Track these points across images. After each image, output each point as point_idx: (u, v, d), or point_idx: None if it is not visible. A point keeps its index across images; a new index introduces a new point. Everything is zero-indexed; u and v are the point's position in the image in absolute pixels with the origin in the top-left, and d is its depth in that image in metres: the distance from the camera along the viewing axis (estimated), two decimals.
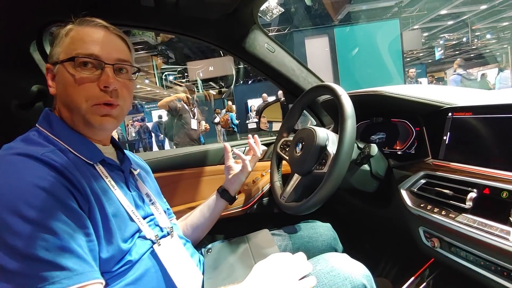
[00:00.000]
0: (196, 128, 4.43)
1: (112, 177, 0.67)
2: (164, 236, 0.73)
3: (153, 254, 0.67)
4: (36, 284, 0.45)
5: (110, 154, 0.74)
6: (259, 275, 0.62)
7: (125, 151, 0.83)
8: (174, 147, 4.99)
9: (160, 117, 11.52)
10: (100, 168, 0.65)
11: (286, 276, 0.62)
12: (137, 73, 0.74)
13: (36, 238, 0.46)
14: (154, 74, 13.70)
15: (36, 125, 0.65)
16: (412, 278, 0.96)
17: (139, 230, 0.66)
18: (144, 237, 0.67)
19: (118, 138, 10.05)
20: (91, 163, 0.64)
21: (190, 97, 4.35)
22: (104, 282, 0.55)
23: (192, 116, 4.37)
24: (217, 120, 10.75)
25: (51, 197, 0.50)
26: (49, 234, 0.48)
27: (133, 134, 12.09)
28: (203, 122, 4.94)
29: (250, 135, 1.05)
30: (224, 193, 1.03)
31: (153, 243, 0.67)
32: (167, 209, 0.95)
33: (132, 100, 0.74)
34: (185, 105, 4.27)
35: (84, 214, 0.55)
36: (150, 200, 0.77)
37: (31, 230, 0.46)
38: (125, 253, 0.61)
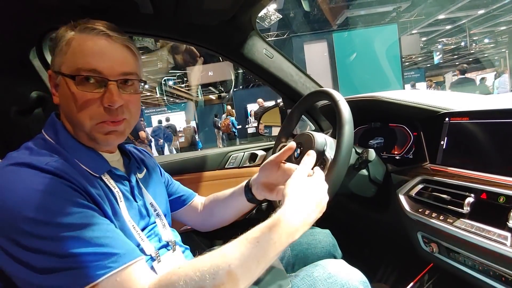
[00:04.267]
0: None
1: (119, 188, 0.65)
2: (164, 247, 0.71)
3: (152, 270, 0.64)
4: (85, 274, 0.46)
5: (117, 162, 0.72)
6: (295, 199, 0.58)
7: (130, 147, 0.81)
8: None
9: (160, 122, 11.53)
10: (107, 179, 0.64)
11: (317, 197, 0.61)
12: (144, 84, 0.70)
13: (66, 237, 0.47)
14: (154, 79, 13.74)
15: (42, 131, 0.63)
16: (411, 284, 0.96)
17: (138, 246, 0.64)
18: (144, 253, 0.64)
19: None
20: (98, 175, 0.62)
21: None
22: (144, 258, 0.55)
23: None
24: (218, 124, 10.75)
25: (65, 199, 0.50)
26: (76, 229, 0.48)
27: None
28: None
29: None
30: (248, 190, 0.87)
31: (153, 260, 0.65)
32: (184, 194, 0.95)
33: (140, 110, 0.71)
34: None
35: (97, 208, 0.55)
36: (155, 210, 0.75)
37: (58, 231, 0.47)
38: None
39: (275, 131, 1.61)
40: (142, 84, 0.69)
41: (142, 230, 0.67)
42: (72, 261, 0.46)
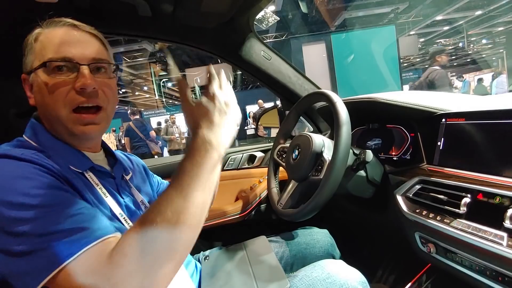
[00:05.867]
0: None
1: (103, 185, 0.64)
2: None
3: None
4: (56, 253, 0.44)
5: (101, 161, 0.71)
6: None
7: (116, 152, 0.80)
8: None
9: (159, 123, 11.53)
10: (90, 176, 0.63)
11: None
12: (117, 71, 0.70)
13: (42, 217, 0.45)
14: (152, 81, 13.73)
15: (23, 135, 0.63)
16: (409, 284, 0.96)
17: None
18: None
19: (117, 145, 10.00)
20: (80, 171, 0.62)
21: None
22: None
23: None
24: None
25: (41, 182, 0.49)
26: (53, 209, 0.47)
27: None
28: None
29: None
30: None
31: None
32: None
33: (117, 100, 0.70)
34: None
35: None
36: (146, 208, 0.75)
37: (35, 213, 0.45)
38: None
39: (274, 132, 1.62)
40: (114, 68, 0.68)
41: None
42: (45, 241, 0.44)
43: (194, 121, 0.59)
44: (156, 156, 7.24)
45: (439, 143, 0.86)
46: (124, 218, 0.64)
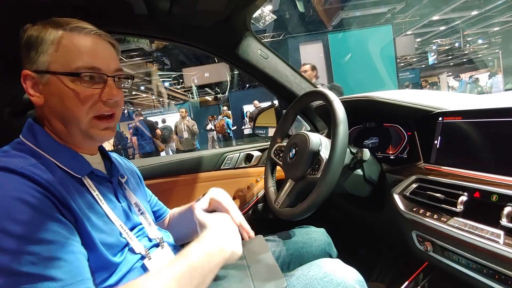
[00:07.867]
0: None
1: (100, 190, 0.64)
2: (154, 246, 0.71)
3: (144, 268, 0.65)
4: None
5: (98, 164, 0.71)
6: (214, 232, 0.65)
7: (112, 155, 0.80)
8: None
9: (156, 123, 11.48)
10: (88, 182, 0.63)
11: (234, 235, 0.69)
12: (130, 80, 0.72)
13: (22, 252, 0.45)
14: (150, 80, 13.69)
15: (20, 136, 0.62)
16: (406, 283, 0.96)
17: (127, 244, 0.64)
18: (134, 251, 0.65)
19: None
20: (79, 176, 0.62)
21: None
22: None
23: None
24: (209, 127, 10.68)
25: (35, 209, 0.48)
26: (36, 246, 0.46)
27: None
28: None
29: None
30: None
31: (143, 257, 0.66)
32: (160, 209, 0.95)
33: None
34: None
35: (71, 224, 0.53)
36: (140, 210, 0.75)
37: (16, 245, 0.45)
38: (116, 267, 0.60)
39: (271, 131, 1.62)
40: (130, 80, 0.72)
41: (130, 230, 0.67)
42: (15, 281, 0.44)
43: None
44: (163, 152, 7.75)
45: (436, 142, 0.86)
46: (121, 225, 0.65)
